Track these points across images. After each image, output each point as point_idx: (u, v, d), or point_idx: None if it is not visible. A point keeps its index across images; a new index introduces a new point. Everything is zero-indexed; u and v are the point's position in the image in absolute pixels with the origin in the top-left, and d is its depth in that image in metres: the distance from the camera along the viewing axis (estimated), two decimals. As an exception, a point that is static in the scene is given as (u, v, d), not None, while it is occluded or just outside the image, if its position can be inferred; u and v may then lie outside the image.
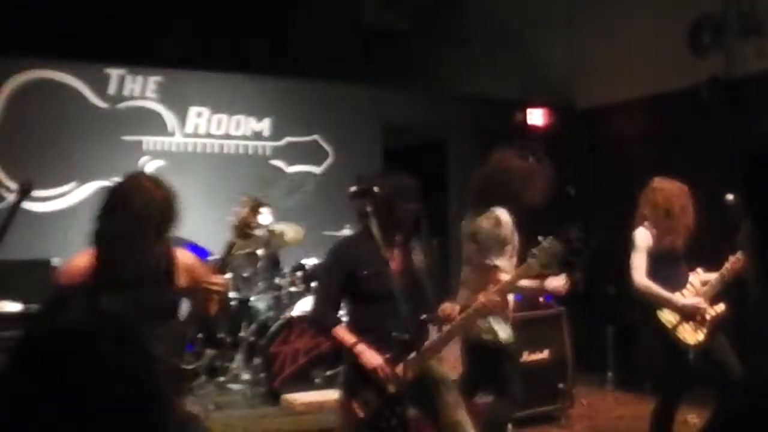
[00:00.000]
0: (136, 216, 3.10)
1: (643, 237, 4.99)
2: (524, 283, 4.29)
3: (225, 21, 9.51)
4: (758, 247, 1.31)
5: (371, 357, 3.83)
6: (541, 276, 4.43)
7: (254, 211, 3.35)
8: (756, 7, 7.00)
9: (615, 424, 6.40)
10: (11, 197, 6.75)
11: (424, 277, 3.95)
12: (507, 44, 9.06)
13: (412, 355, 3.84)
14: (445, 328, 4.01)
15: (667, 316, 4.90)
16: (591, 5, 8.33)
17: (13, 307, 5.70)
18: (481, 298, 4.02)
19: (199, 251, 6.13)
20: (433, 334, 4.14)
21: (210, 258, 5.94)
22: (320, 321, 4.10)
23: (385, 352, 3.85)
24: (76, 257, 3.25)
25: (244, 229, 3.33)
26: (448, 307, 4.06)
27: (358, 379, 3.88)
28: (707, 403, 4.30)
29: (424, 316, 4.06)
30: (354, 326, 4.02)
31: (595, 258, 7.82)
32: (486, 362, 4.61)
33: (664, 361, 5.01)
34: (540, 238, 4.12)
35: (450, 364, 4.65)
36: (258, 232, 7.22)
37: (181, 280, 3.33)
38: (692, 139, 7.26)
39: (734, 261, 4.80)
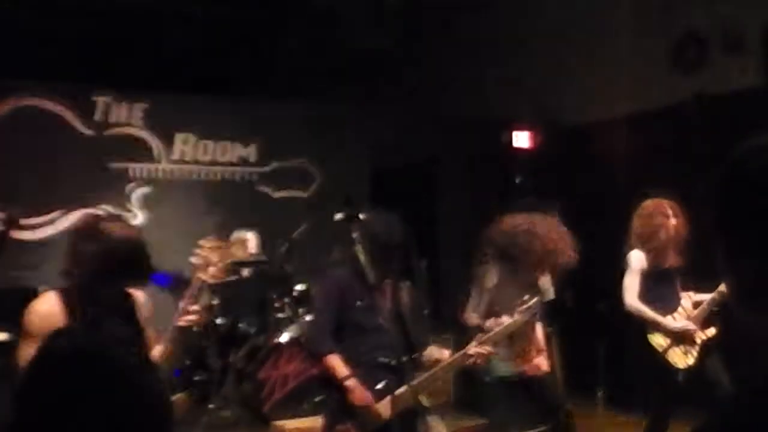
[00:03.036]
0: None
1: (637, 258, 5.01)
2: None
3: (210, 46, 9.52)
4: (732, 267, 1.29)
5: (361, 395, 3.84)
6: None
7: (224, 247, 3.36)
8: (739, 25, 7.03)
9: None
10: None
11: (408, 318, 3.98)
12: (493, 64, 9.09)
13: (401, 390, 3.86)
14: (435, 368, 4.00)
15: (658, 340, 4.91)
16: (574, 23, 8.37)
17: (-1, 335, 5.64)
18: (471, 349, 4.02)
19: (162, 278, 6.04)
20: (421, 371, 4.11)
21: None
22: (314, 348, 4.10)
23: (372, 383, 3.87)
24: (39, 302, 3.11)
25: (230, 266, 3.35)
26: (435, 352, 4.10)
27: (342, 408, 3.88)
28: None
29: (407, 357, 4.02)
30: (344, 356, 4.00)
31: (584, 275, 7.81)
32: (484, 394, 4.67)
33: (655, 383, 5.01)
34: (525, 297, 4.20)
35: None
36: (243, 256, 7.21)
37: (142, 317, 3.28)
38: (677, 156, 7.27)
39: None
